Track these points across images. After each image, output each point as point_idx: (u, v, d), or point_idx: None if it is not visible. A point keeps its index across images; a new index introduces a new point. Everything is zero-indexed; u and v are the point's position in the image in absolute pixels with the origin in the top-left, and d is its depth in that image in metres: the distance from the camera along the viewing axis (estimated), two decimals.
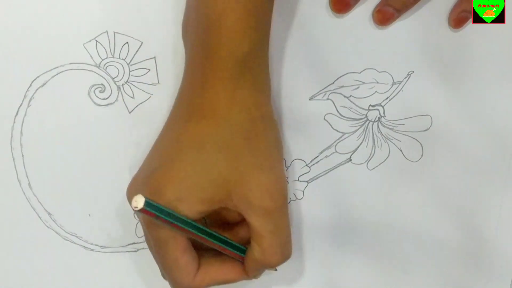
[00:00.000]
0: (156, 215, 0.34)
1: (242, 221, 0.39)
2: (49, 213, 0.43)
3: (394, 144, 0.45)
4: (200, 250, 0.39)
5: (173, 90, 0.41)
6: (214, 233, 0.38)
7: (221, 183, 0.36)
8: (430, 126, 0.45)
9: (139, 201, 0.34)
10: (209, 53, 0.36)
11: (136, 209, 0.34)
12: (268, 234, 0.37)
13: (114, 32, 0.42)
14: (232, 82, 0.36)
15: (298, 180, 0.45)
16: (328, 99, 0.44)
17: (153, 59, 0.43)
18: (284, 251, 0.38)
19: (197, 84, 0.37)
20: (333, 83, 0.44)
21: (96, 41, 0.42)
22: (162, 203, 0.35)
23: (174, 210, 0.36)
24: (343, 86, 0.44)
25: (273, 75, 0.44)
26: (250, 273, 0.39)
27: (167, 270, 0.38)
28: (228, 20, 0.35)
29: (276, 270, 0.41)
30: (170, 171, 0.36)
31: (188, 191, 0.36)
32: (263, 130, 0.38)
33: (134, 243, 0.45)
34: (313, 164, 0.45)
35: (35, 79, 0.42)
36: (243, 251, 0.39)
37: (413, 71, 0.44)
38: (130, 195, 0.38)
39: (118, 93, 0.43)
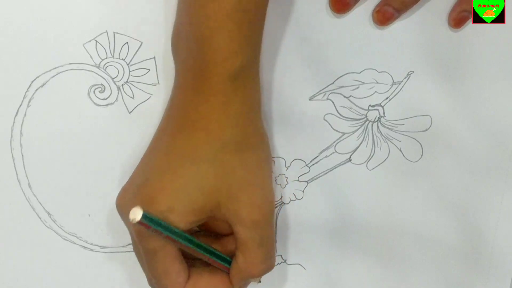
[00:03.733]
0: (152, 228, 0.35)
1: (229, 234, 0.40)
2: (49, 213, 0.43)
3: (393, 144, 0.45)
4: (189, 261, 0.39)
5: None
6: (204, 245, 0.38)
7: (212, 194, 0.37)
8: (430, 126, 0.45)
9: (137, 214, 0.34)
10: (202, 68, 0.36)
11: (134, 221, 0.34)
12: (254, 246, 0.38)
13: (114, 32, 0.42)
14: (225, 96, 0.37)
15: (298, 180, 0.45)
16: (328, 99, 0.44)
17: (153, 59, 0.43)
18: (268, 262, 0.39)
19: (189, 97, 0.38)
20: (332, 83, 0.44)
21: (96, 41, 0.42)
22: (153, 212, 0.36)
23: (165, 220, 0.36)
24: (342, 86, 0.44)
25: (273, 75, 0.44)
26: (234, 282, 0.39)
27: (157, 280, 0.38)
28: (221, 37, 0.36)
29: (260, 282, 0.41)
30: (162, 182, 0.37)
31: (179, 201, 0.36)
32: (255, 144, 0.39)
33: None
34: (313, 164, 0.45)
35: (35, 79, 0.42)
36: (229, 263, 0.39)
37: (413, 71, 0.44)
38: (121, 206, 0.39)
39: (118, 93, 0.43)
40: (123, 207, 0.38)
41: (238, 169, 0.37)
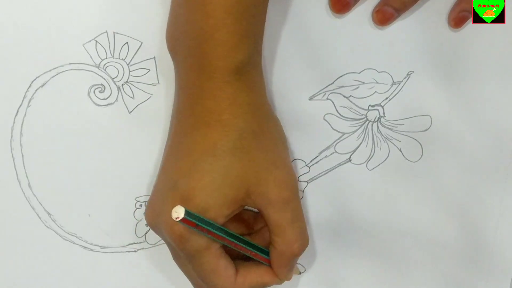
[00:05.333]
0: (196, 224, 0.36)
1: (257, 231, 0.42)
2: (48, 213, 0.43)
3: (393, 144, 0.45)
4: (232, 259, 0.40)
5: (173, 90, 0.41)
6: (245, 238, 0.39)
7: (240, 184, 0.38)
8: (430, 126, 0.45)
9: (180, 211, 0.35)
10: (204, 65, 0.37)
11: (178, 219, 0.35)
12: (288, 223, 0.39)
13: (114, 32, 0.42)
14: (231, 88, 0.37)
15: (298, 180, 0.45)
16: (327, 99, 0.44)
17: (153, 59, 0.43)
18: (303, 237, 0.40)
19: (195, 94, 0.38)
20: (332, 83, 0.44)
21: (96, 41, 0.42)
22: None
23: None
24: (342, 86, 0.44)
25: (273, 75, 0.44)
26: (278, 270, 0.40)
27: (207, 280, 0.39)
28: (221, 33, 0.36)
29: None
30: (191, 183, 0.37)
31: (212, 198, 0.37)
32: (268, 127, 0.39)
33: (134, 243, 0.45)
34: (313, 164, 0.45)
35: (35, 79, 0.42)
36: (268, 254, 0.40)
37: (413, 71, 0.44)
38: (152, 218, 0.39)
39: (118, 93, 0.43)
40: (154, 219, 0.39)
41: (259, 153, 0.38)
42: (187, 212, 0.35)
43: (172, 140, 0.40)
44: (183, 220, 0.35)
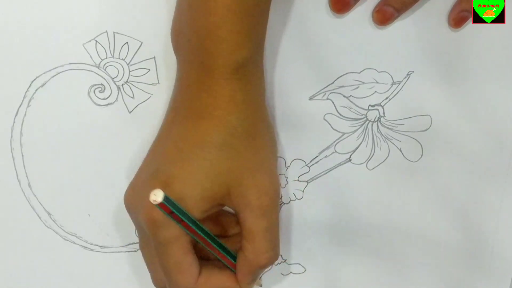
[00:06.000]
0: (171, 211, 0.35)
1: (234, 234, 0.41)
2: (48, 213, 0.43)
3: (393, 144, 0.45)
4: (199, 259, 0.39)
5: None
6: (216, 237, 0.39)
7: (222, 181, 0.37)
8: (430, 126, 0.45)
9: (159, 195, 0.35)
10: (205, 61, 0.37)
11: (155, 202, 0.35)
12: (262, 232, 0.38)
13: (114, 32, 0.42)
14: (230, 85, 0.37)
15: (298, 180, 0.45)
16: (327, 99, 0.44)
17: (153, 59, 0.43)
18: (274, 250, 0.39)
19: (193, 88, 0.38)
20: (332, 83, 0.44)
21: (96, 41, 0.42)
22: None
23: None
24: (342, 86, 0.44)
25: (273, 75, 0.44)
26: (241, 277, 0.39)
27: (169, 274, 0.38)
28: (223, 30, 0.36)
29: (261, 286, 0.43)
30: (173, 170, 0.37)
31: (191, 189, 0.37)
32: (261, 130, 0.39)
33: (134, 243, 0.45)
34: (313, 164, 0.45)
35: (35, 79, 0.42)
36: (236, 259, 0.40)
37: (413, 71, 0.44)
38: (130, 200, 0.39)
39: (118, 93, 0.43)
40: (133, 202, 0.39)
41: (246, 154, 0.38)
42: (165, 198, 0.35)
43: (164, 128, 0.40)
44: (160, 204, 0.35)
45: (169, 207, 0.35)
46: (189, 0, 0.37)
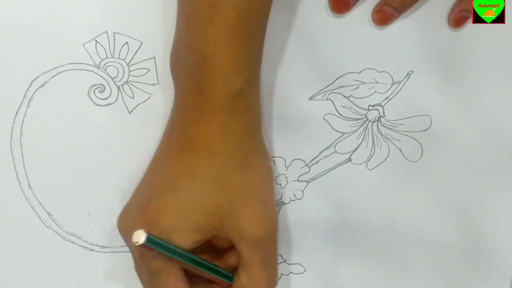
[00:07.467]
0: (155, 250, 0.35)
1: (230, 248, 0.40)
2: (48, 213, 0.43)
3: (393, 144, 0.45)
4: (192, 278, 0.39)
5: (173, 90, 0.41)
6: (206, 263, 0.38)
7: (214, 213, 0.37)
8: (430, 126, 0.45)
9: (141, 236, 0.34)
10: (202, 88, 0.36)
11: (137, 244, 0.34)
12: (258, 263, 0.38)
13: (114, 32, 0.42)
14: (226, 115, 0.37)
15: (298, 180, 0.45)
16: (327, 99, 0.44)
17: (153, 59, 0.43)
18: (271, 281, 0.39)
19: (190, 116, 0.38)
20: (332, 83, 0.44)
21: (96, 41, 0.42)
22: (157, 232, 0.36)
23: (169, 239, 0.36)
24: (342, 86, 0.44)
25: (273, 75, 0.44)
26: None
27: None
28: (220, 59, 0.35)
29: None
30: (164, 202, 0.37)
31: (182, 221, 0.36)
32: (256, 161, 0.39)
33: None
34: (313, 164, 0.45)
35: (35, 79, 0.42)
36: (232, 279, 0.39)
37: (413, 71, 0.44)
38: (123, 226, 0.39)
39: (118, 93, 0.43)
40: (125, 228, 0.39)
41: (240, 185, 0.37)
42: (148, 239, 0.34)
43: (157, 156, 0.40)
44: (142, 245, 0.34)
45: (153, 246, 0.35)
46: (187, 25, 0.37)
